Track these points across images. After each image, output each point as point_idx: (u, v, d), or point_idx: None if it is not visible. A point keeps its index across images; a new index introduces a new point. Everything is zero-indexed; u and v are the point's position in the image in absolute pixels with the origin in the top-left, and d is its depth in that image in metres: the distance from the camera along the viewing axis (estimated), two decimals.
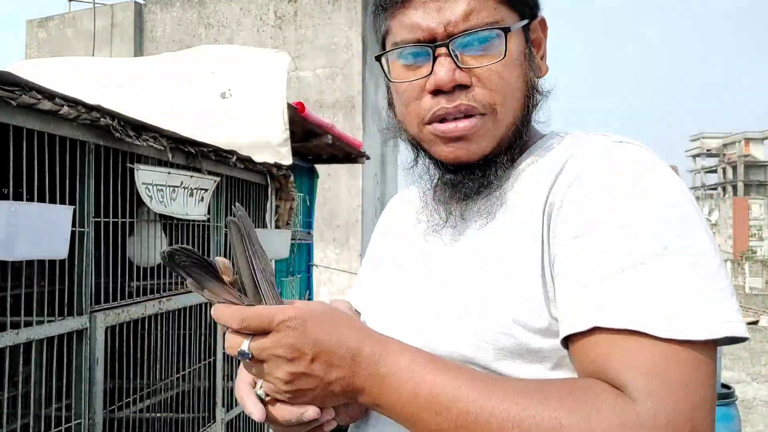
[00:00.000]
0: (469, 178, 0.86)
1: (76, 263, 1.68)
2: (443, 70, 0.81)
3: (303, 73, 7.38)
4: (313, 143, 3.95)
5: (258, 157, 2.78)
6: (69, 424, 1.67)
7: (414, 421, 0.70)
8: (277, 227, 3.12)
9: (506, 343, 0.76)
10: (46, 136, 1.53)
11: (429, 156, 0.89)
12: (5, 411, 1.51)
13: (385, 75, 0.89)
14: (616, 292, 0.69)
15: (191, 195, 2.22)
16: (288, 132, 2.96)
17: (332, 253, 7.40)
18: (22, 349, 1.48)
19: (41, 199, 1.52)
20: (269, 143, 2.93)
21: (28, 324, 1.50)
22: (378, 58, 0.88)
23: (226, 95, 3.01)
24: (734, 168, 56.90)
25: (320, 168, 4.69)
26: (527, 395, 0.67)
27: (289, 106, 3.09)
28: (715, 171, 62.15)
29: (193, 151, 2.20)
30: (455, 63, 0.81)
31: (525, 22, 0.86)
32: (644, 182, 0.74)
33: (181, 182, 2.15)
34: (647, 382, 0.64)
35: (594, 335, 0.69)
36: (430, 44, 0.82)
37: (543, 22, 0.90)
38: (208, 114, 2.98)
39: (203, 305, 2.39)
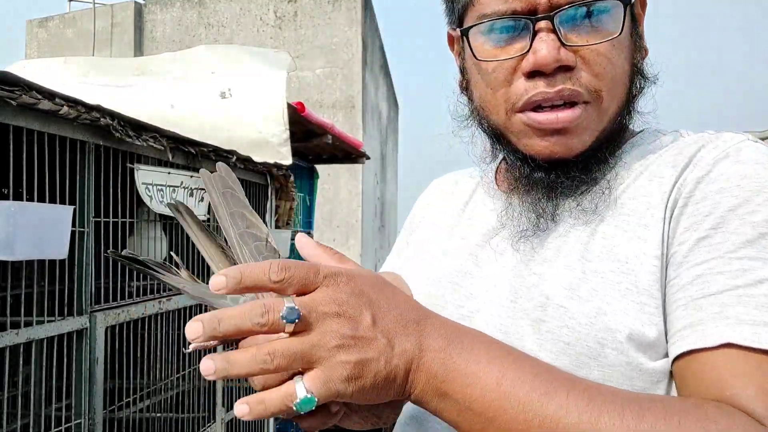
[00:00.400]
0: (567, 176, 0.74)
1: (76, 263, 1.68)
2: (546, 48, 0.68)
3: (303, 73, 7.38)
4: (313, 143, 3.95)
5: (258, 157, 2.78)
6: (69, 424, 1.67)
7: (490, 418, 0.55)
8: (277, 227, 3.12)
9: (615, 360, 0.65)
10: (46, 136, 1.52)
11: (512, 149, 0.77)
12: (5, 411, 1.51)
13: (471, 52, 0.75)
14: (754, 306, 0.60)
15: (191, 195, 2.22)
16: (288, 132, 2.96)
17: None
18: (22, 349, 1.48)
19: (41, 199, 1.52)
20: (269, 143, 2.93)
21: (28, 324, 1.50)
22: (465, 33, 0.75)
23: (226, 95, 3.01)
24: None
25: (320, 168, 4.69)
26: (640, 403, 0.55)
27: (289, 106, 3.09)
28: None
29: (193, 151, 2.20)
30: (559, 40, 0.69)
31: None
32: None
33: (181, 182, 2.16)
34: None
35: (721, 351, 0.59)
36: (530, 17, 0.70)
37: None
38: (208, 114, 2.98)
39: (203, 305, 2.39)
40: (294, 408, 0.51)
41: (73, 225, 1.61)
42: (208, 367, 0.51)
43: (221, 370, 0.51)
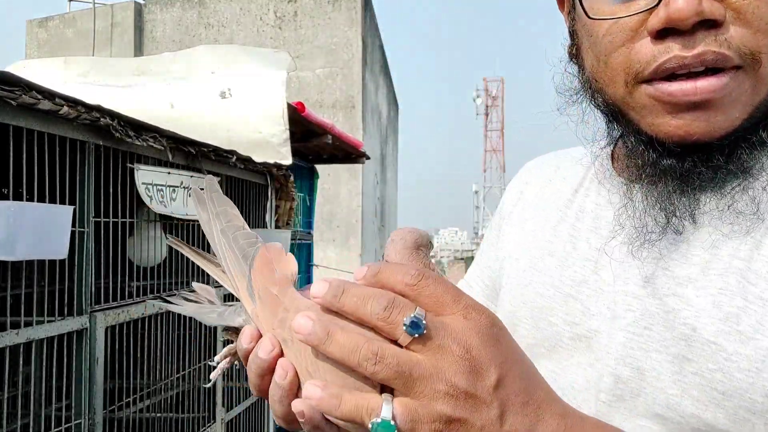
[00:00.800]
0: (707, 165, 0.57)
1: (76, 263, 1.68)
2: None
3: (303, 73, 7.38)
4: (313, 143, 3.95)
5: (258, 157, 2.78)
6: (69, 424, 1.67)
7: None
8: (277, 227, 3.12)
9: None
10: (46, 136, 1.52)
11: (634, 130, 0.61)
12: (5, 411, 1.51)
13: (583, 10, 0.60)
14: None
15: (191, 195, 2.23)
16: (288, 132, 2.96)
17: (332, 253, 7.40)
18: (22, 349, 1.48)
19: (41, 199, 1.52)
20: (269, 143, 2.93)
21: (28, 324, 1.50)
22: None
23: (226, 95, 3.01)
24: None
25: (320, 168, 4.70)
26: None
27: (289, 106, 3.09)
28: None
29: (193, 151, 2.20)
30: None
31: None
32: None
33: (181, 182, 2.15)
34: None
35: None
36: None
37: None
38: (208, 114, 2.98)
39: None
40: (367, 425, 0.42)
41: (73, 225, 1.61)
42: (305, 326, 0.43)
43: (316, 338, 0.43)
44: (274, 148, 2.93)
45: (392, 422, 0.41)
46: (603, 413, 0.59)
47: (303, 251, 4.21)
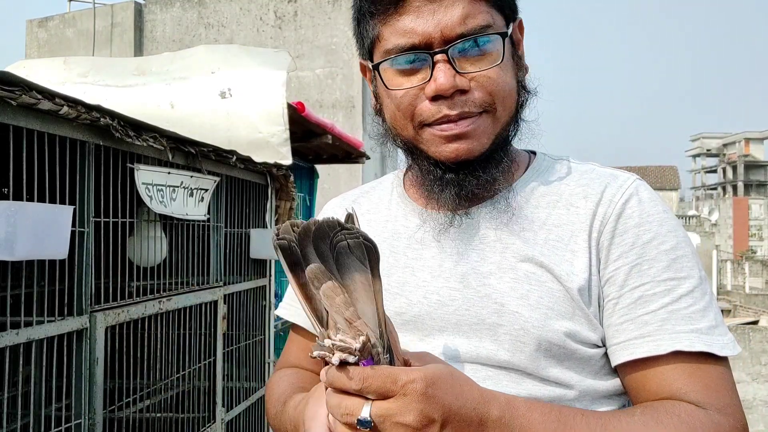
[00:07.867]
0: (472, 175, 0.87)
1: (76, 263, 1.68)
2: (443, 76, 0.82)
3: (303, 73, 7.37)
4: (313, 143, 3.94)
5: (258, 157, 2.78)
6: (69, 424, 1.67)
7: None
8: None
9: (557, 351, 0.82)
10: (46, 136, 1.52)
11: (425, 157, 0.89)
12: (5, 411, 1.51)
13: (382, 83, 0.88)
14: (681, 318, 0.79)
15: (191, 195, 2.22)
16: (288, 132, 2.96)
17: None
18: (22, 349, 1.48)
19: (41, 199, 1.52)
20: (269, 143, 2.93)
21: (28, 324, 1.50)
22: (376, 67, 0.88)
23: (226, 95, 3.01)
24: (734, 168, 56.76)
25: (320, 168, 4.69)
26: (647, 428, 0.73)
27: (289, 106, 3.09)
28: (715, 171, 61.97)
29: (193, 151, 2.20)
30: (454, 68, 0.83)
31: (512, 25, 0.89)
32: (674, 219, 0.85)
33: (181, 182, 2.15)
34: (724, 398, 0.77)
35: (671, 358, 0.78)
36: (429, 51, 0.83)
37: (521, 23, 0.93)
38: (208, 114, 2.98)
39: (203, 305, 2.39)
40: None
41: (73, 225, 1.61)
42: None
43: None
44: (274, 148, 2.93)
45: None
46: None
47: None
